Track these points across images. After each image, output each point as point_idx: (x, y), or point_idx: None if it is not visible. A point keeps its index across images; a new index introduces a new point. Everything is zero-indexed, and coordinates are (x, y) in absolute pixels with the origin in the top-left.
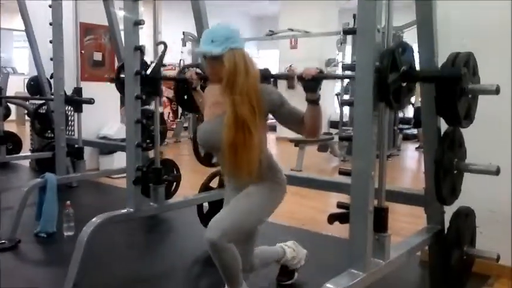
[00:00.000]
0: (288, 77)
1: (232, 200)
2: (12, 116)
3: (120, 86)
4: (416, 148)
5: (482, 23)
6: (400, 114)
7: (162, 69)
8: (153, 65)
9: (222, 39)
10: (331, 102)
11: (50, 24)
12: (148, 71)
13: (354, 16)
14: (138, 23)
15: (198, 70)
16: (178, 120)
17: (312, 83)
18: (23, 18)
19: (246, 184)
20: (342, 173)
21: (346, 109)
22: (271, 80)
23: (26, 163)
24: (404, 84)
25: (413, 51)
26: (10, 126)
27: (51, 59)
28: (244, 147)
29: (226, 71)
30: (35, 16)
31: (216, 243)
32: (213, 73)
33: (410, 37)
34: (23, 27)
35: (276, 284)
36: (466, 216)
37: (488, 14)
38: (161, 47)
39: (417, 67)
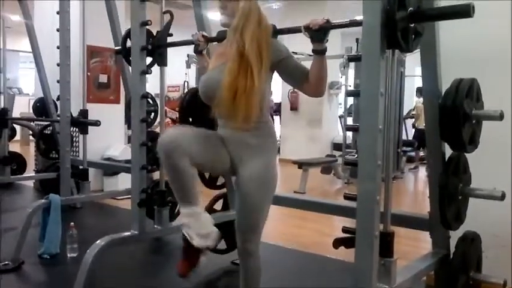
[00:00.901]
0: (296, 30)
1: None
2: (17, 136)
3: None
4: (410, 169)
5: (486, 47)
6: (404, 137)
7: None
8: (159, 33)
9: None
10: (335, 124)
11: (58, 47)
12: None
13: (357, 40)
14: (145, 23)
15: (205, 33)
16: None
17: (318, 33)
18: (31, 41)
19: (239, 130)
20: (347, 197)
21: (349, 132)
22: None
23: (30, 183)
24: (412, 25)
25: None
26: (14, 147)
27: (58, 81)
28: (244, 92)
29: (240, 12)
30: (41, 38)
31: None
32: (225, 12)
33: (414, 61)
34: (29, 49)
35: None
36: (471, 241)
37: (491, 38)
38: (167, 16)
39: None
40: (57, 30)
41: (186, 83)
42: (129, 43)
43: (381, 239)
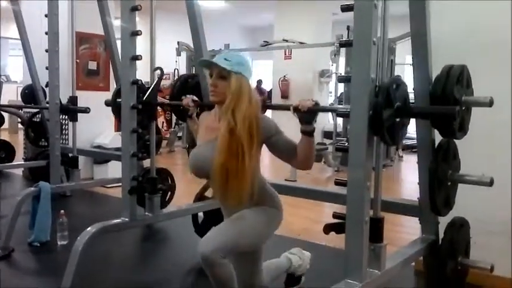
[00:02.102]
0: (284, 108)
1: (226, 220)
2: (5, 125)
3: (117, 110)
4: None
5: (476, 34)
6: None
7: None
8: (150, 91)
9: (235, 61)
10: (325, 113)
11: (46, 33)
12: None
13: (348, 28)
14: (136, 33)
15: (195, 98)
16: (172, 129)
17: (307, 115)
18: (18, 27)
19: (237, 210)
20: (337, 183)
21: (340, 119)
22: (267, 105)
23: (19, 172)
24: (398, 119)
25: (407, 87)
26: (3, 135)
27: (47, 68)
28: (236, 174)
29: (232, 93)
30: (29, 25)
31: (209, 258)
32: (216, 91)
33: (405, 48)
34: (17, 35)
35: None
36: (460, 227)
37: (482, 24)
38: (158, 73)
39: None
40: (46, 15)
41: (176, 71)
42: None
43: (371, 224)
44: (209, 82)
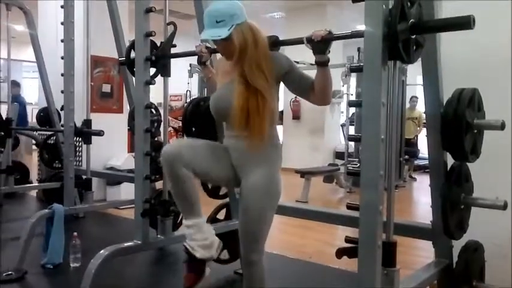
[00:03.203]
0: (298, 41)
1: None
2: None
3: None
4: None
5: (487, 58)
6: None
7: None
8: (163, 44)
9: (226, 17)
10: (337, 133)
11: (62, 58)
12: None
13: (358, 49)
14: (149, 34)
15: (208, 44)
16: None
17: (321, 45)
18: (35, 51)
19: (252, 148)
20: (350, 207)
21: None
22: (278, 41)
23: (33, 193)
24: (413, 36)
25: (420, 6)
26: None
27: (62, 92)
28: (257, 114)
29: (237, 49)
30: (45, 49)
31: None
32: (225, 53)
33: (415, 69)
34: (32, 58)
35: None
36: (474, 250)
37: (491, 48)
38: (171, 27)
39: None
40: (62, 40)
41: (188, 92)
42: (133, 54)
43: (384, 248)
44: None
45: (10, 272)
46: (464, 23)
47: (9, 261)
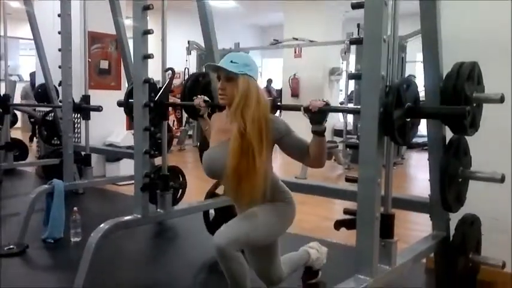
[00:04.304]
0: (295, 108)
1: (239, 215)
2: (18, 123)
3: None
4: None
5: (488, 31)
6: None
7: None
8: (161, 91)
9: (241, 63)
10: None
11: (59, 33)
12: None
13: (358, 25)
14: (147, 32)
15: (206, 98)
16: (183, 128)
17: (318, 115)
18: (32, 27)
19: (250, 207)
20: (348, 180)
21: (350, 117)
22: (277, 105)
23: (32, 170)
24: (408, 119)
25: (417, 87)
26: (15, 133)
27: (60, 67)
28: (247, 175)
29: (239, 93)
30: (42, 25)
31: (225, 250)
32: (224, 93)
33: (416, 46)
34: (29, 36)
35: (302, 284)
36: (471, 224)
37: (493, 21)
38: (169, 73)
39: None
40: (59, 15)
41: (186, 70)
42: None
43: (382, 220)
44: (217, 86)
45: (11, 246)
46: (459, 114)
47: (11, 236)
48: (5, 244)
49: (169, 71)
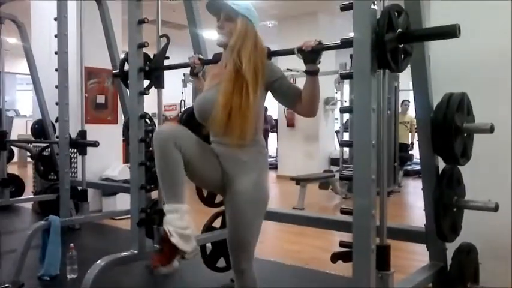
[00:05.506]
0: (289, 52)
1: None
2: (14, 159)
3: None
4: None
5: (475, 63)
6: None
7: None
8: (156, 56)
9: (243, 6)
10: (331, 139)
11: (56, 70)
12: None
13: (351, 56)
14: (143, 45)
15: (201, 56)
16: None
17: (311, 54)
18: (29, 63)
19: (233, 147)
20: (343, 212)
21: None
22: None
23: (29, 205)
24: (401, 45)
25: (408, 16)
26: (12, 169)
27: (57, 104)
28: (239, 111)
29: (237, 33)
30: (38, 60)
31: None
32: (223, 32)
33: (408, 75)
34: (26, 71)
35: None
36: (468, 253)
37: (479, 52)
38: (164, 40)
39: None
40: (55, 52)
41: (182, 102)
42: (127, 66)
43: (378, 252)
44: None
45: (7, 285)
46: (450, 32)
47: (6, 274)
48: (1, 283)
49: (164, 37)
